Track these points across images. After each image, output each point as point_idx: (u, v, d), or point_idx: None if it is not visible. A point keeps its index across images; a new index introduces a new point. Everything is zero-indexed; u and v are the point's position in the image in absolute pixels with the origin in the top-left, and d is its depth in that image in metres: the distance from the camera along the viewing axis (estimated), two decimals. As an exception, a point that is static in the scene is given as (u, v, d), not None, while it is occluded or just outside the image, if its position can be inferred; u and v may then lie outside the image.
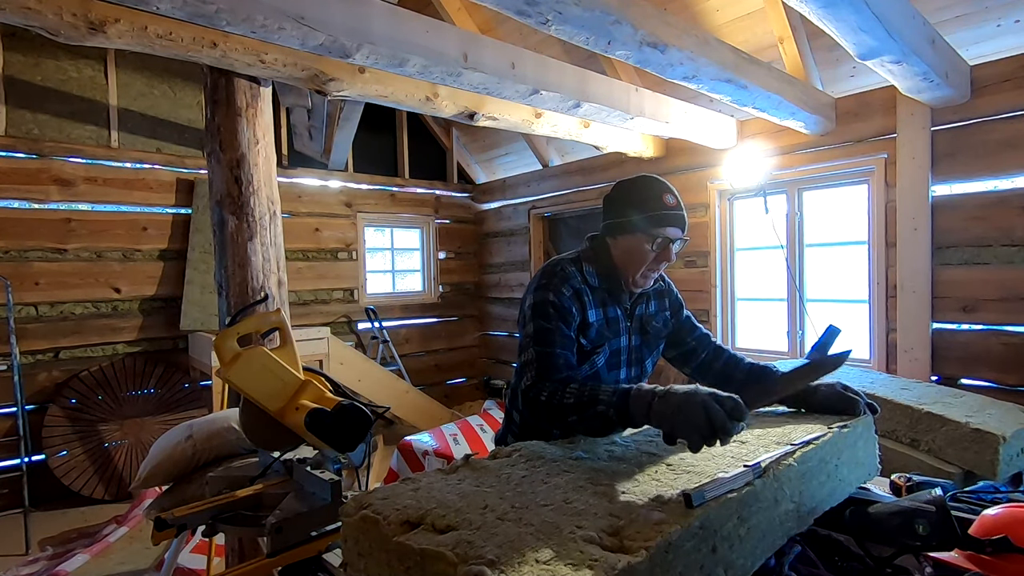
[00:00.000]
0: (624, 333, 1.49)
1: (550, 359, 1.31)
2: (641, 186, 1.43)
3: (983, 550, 0.92)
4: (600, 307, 1.44)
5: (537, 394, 1.26)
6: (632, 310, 1.51)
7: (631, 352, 1.51)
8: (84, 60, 4.25)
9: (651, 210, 1.38)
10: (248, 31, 1.89)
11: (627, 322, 1.50)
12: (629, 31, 2.04)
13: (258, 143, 2.65)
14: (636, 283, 1.45)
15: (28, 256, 4.02)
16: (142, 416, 4.20)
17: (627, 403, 1.10)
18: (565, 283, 1.39)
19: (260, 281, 2.63)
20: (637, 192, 1.42)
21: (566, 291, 1.38)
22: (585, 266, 1.45)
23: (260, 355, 1.43)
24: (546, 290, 1.38)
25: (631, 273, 1.43)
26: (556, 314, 1.35)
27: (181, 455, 2.03)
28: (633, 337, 1.51)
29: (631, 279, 1.44)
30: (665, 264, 1.43)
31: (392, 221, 6.08)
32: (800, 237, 3.78)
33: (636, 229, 1.39)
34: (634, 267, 1.42)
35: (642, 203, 1.40)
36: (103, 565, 3.03)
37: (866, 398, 1.29)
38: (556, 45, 4.24)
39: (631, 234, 1.40)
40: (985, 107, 2.91)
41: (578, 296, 1.39)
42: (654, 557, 0.71)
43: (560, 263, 1.45)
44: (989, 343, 2.95)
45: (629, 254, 1.42)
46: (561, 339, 1.34)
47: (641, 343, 1.53)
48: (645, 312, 1.54)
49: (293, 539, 1.23)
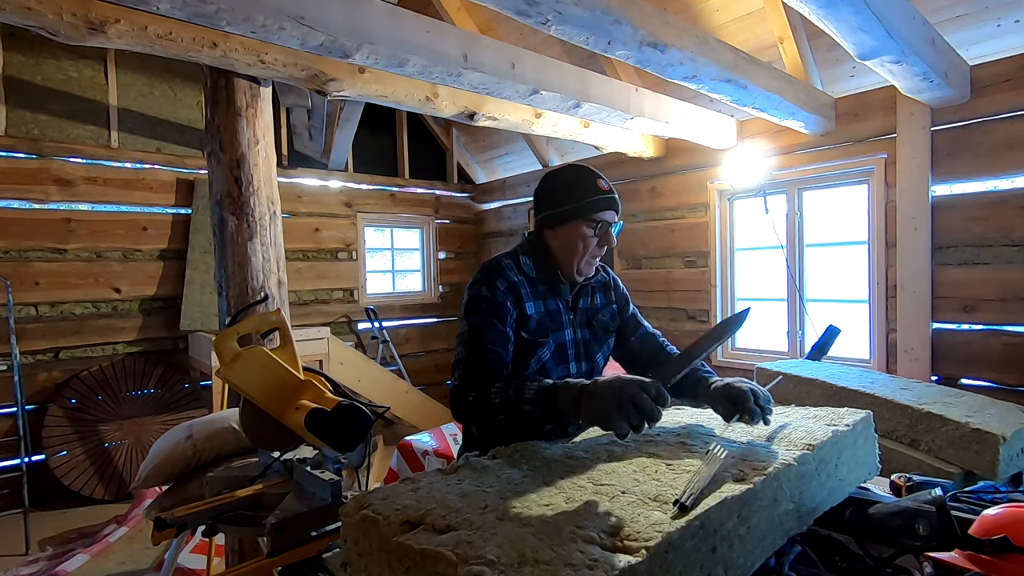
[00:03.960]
0: (568, 326, 1.46)
1: (478, 358, 1.30)
2: (573, 175, 1.43)
3: (983, 550, 0.92)
4: (540, 299, 1.43)
5: (464, 395, 1.26)
6: (574, 303, 1.49)
7: (578, 346, 1.48)
8: (84, 60, 4.25)
9: (588, 196, 1.38)
10: (248, 31, 1.89)
11: (570, 315, 1.47)
12: (629, 31, 2.04)
13: (258, 143, 2.65)
14: (580, 271, 1.43)
15: (28, 256, 4.02)
16: (142, 416, 4.20)
17: (555, 399, 1.11)
18: (499, 277, 1.38)
19: (260, 281, 2.63)
20: (571, 181, 1.42)
21: (500, 285, 1.36)
22: (523, 258, 1.44)
23: (260, 355, 1.43)
24: (479, 285, 1.37)
25: (575, 261, 1.41)
26: (488, 310, 1.34)
27: (181, 455, 2.03)
28: (578, 331, 1.49)
29: (576, 267, 1.42)
30: (605, 250, 1.43)
31: (392, 221, 6.08)
32: (800, 237, 3.78)
33: (575, 216, 1.38)
34: (577, 255, 1.41)
35: (578, 190, 1.40)
36: (103, 565, 3.03)
37: (767, 393, 1.20)
38: (556, 45, 4.24)
39: (571, 222, 1.39)
40: (985, 107, 2.91)
41: (514, 289, 1.38)
42: (654, 557, 0.71)
43: (496, 258, 1.44)
44: (989, 343, 2.95)
45: (571, 242, 1.40)
46: (492, 336, 1.32)
47: (590, 337, 1.51)
48: (590, 305, 1.52)
49: (293, 539, 1.23)
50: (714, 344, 1.20)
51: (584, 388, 1.07)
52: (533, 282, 1.43)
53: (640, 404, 0.97)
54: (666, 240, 4.54)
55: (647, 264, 4.72)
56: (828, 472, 1.07)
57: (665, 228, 4.55)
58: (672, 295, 4.52)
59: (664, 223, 4.57)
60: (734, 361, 4.12)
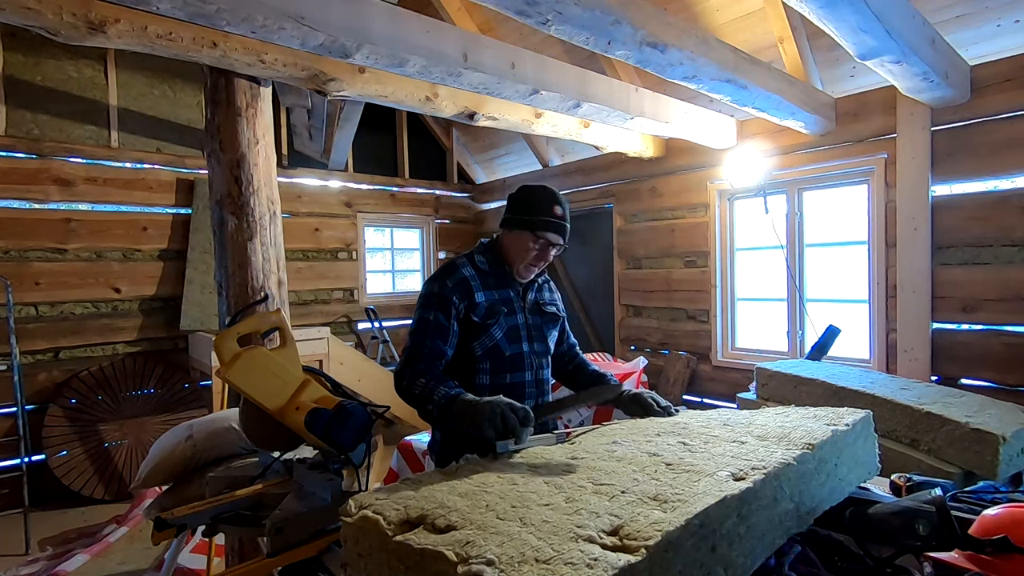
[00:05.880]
0: (520, 311, 1.69)
1: (418, 349, 1.53)
2: (538, 193, 1.64)
3: (983, 550, 0.92)
4: (491, 290, 1.64)
5: (400, 379, 1.50)
6: (524, 294, 1.72)
7: (530, 329, 1.70)
8: (84, 60, 4.25)
9: (540, 215, 1.60)
10: (248, 31, 1.89)
11: (521, 303, 1.70)
12: (629, 31, 2.04)
13: (258, 143, 2.65)
14: (519, 273, 1.67)
15: (28, 256, 4.02)
16: (142, 416, 4.20)
17: (450, 408, 1.34)
18: (450, 275, 1.61)
19: (260, 281, 2.63)
20: (534, 197, 1.63)
21: (449, 282, 1.59)
22: (478, 256, 1.67)
23: (260, 355, 1.43)
24: (432, 283, 1.61)
25: (517, 264, 1.65)
26: (436, 304, 1.56)
27: (181, 455, 2.03)
28: (529, 316, 1.71)
29: (516, 269, 1.66)
30: (543, 264, 1.66)
31: (392, 221, 6.08)
32: (800, 237, 3.78)
33: (526, 228, 1.60)
34: (518, 259, 1.64)
35: (535, 208, 1.61)
36: (103, 565, 3.03)
37: (665, 400, 1.60)
38: (556, 45, 4.24)
39: (520, 231, 1.62)
40: (985, 107, 2.91)
41: (463, 284, 1.59)
42: (653, 556, 0.71)
43: (453, 259, 1.68)
44: (989, 343, 2.95)
45: (516, 247, 1.64)
46: (435, 329, 1.55)
47: (541, 322, 1.74)
48: (539, 297, 1.76)
49: (293, 539, 1.23)
50: (581, 405, 1.49)
51: (471, 403, 1.29)
52: (486, 275, 1.65)
53: (506, 420, 1.19)
54: (666, 240, 4.54)
55: (647, 264, 4.72)
56: (828, 472, 1.07)
57: (665, 228, 4.55)
58: (672, 295, 4.52)
59: (664, 223, 4.57)
60: (734, 361, 4.12)
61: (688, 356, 4.39)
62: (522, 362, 1.65)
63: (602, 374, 1.82)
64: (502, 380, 1.63)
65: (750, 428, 1.21)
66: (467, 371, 1.61)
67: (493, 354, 1.61)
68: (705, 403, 4.34)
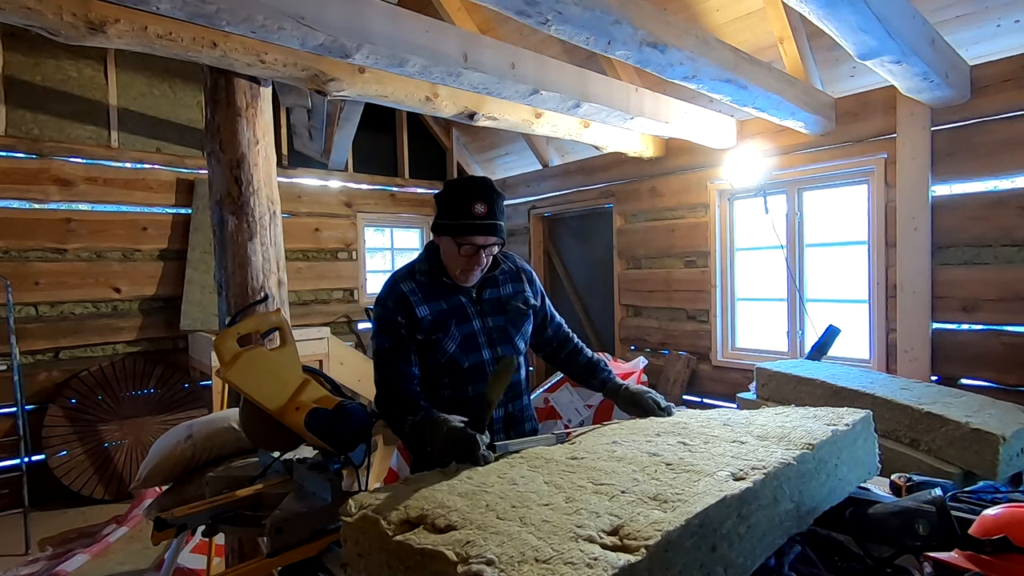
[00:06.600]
0: (475, 317, 1.55)
1: (382, 381, 1.48)
2: (455, 191, 1.47)
3: (983, 550, 0.92)
4: (437, 300, 1.52)
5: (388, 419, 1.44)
6: (479, 295, 1.58)
7: (489, 333, 1.56)
8: (84, 60, 4.25)
9: (459, 218, 1.43)
10: (248, 31, 1.89)
11: (476, 306, 1.56)
12: (629, 31, 2.04)
13: (258, 143, 2.65)
14: (459, 279, 1.53)
15: (28, 256, 4.02)
16: (142, 416, 4.20)
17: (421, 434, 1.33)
18: (390, 295, 1.51)
19: (260, 281, 2.63)
20: (451, 197, 1.46)
21: (390, 303, 1.49)
22: (419, 267, 1.55)
23: (260, 355, 1.43)
24: (377, 306, 1.53)
25: (451, 271, 1.52)
26: (385, 329, 1.49)
27: (181, 455, 2.03)
28: (488, 319, 1.57)
29: (454, 274, 1.52)
30: (481, 267, 1.50)
31: (392, 221, 6.08)
32: (800, 237, 3.78)
33: (447, 233, 1.46)
34: (452, 266, 1.51)
35: (452, 210, 1.45)
36: (103, 565, 3.03)
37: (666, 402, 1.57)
38: (556, 45, 4.24)
39: (444, 237, 1.48)
40: (985, 107, 2.91)
41: (403, 302, 1.49)
42: (653, 556, 0.71)
43: (393, 274, 1.57)
44: (989, 343, 2.95)
45: (446, 254, 1.50)
46: (392, 354, 1.48)
47: (505, 322, 1.59)
48: (500, 295, 1.61)
49: (293, 539, 1.23)
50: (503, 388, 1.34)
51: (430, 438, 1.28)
52: (427, 287, 1.52)
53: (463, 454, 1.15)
54: (666, 240, 4.54)
55: (647, 264, 4.72)
56: (828, 472, 1.07)
57: (665, 228, 4.55)
58: (672, 295, 4.52)
59: (664, 223, 4.57)
60: (734, 361, 4.12)
61: (688, 356, 4.39)
62: (483, 372, 1.53)
63: (595, 364, 1.74)
64: (464, 393, 1.54)
65: (750, 428, 1.21)
66: (431, 387, 1.55)
67: (450, 368, 1.51)
68: (705, 403, 4.34)
